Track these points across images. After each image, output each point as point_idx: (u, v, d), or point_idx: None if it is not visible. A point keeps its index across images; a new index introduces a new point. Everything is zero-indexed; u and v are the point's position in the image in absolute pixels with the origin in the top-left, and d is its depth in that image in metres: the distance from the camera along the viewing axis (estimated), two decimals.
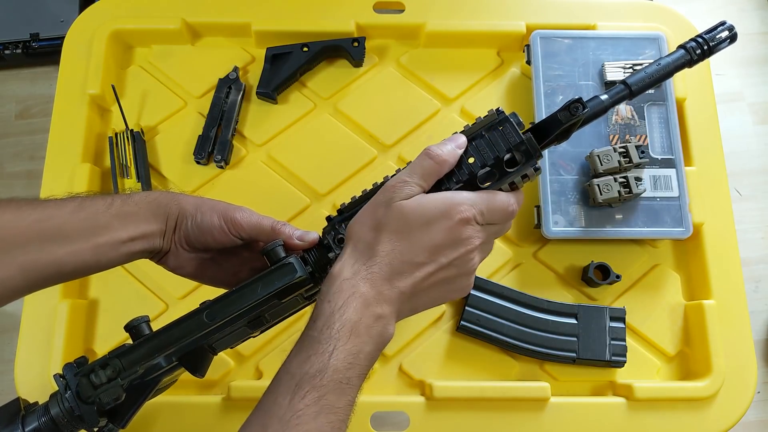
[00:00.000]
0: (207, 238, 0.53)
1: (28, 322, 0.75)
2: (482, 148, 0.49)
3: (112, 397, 0.47)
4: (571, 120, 0.48)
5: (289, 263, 0.49)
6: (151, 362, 0.48)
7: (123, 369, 0.47)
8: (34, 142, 1.57)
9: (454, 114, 0.87)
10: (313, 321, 0.45)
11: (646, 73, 0.53)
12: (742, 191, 1.55)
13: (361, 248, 0.46)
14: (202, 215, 0.53)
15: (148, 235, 0.52)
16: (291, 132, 0.86)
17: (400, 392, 0.75)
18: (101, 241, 0.50)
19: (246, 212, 0.54)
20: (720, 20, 0.56)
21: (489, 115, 0.51)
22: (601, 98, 0.52)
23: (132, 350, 0.48)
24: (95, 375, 0.47)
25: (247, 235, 0.53)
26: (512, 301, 0.75)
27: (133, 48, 0.90)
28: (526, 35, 0.87)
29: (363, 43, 0.87)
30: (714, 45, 0.54)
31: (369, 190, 0.52)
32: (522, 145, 0.49)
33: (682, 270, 0.80)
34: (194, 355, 0.49)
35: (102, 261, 0.50)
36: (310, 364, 0.42)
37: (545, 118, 0.50)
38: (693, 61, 0.55)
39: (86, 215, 0.50)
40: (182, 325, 0.49)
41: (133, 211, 0.52)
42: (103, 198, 0.52)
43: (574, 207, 0.77)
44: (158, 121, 0.86)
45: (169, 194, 0.54)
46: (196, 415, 0.71)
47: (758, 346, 1.44)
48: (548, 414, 0.72)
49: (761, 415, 1.39)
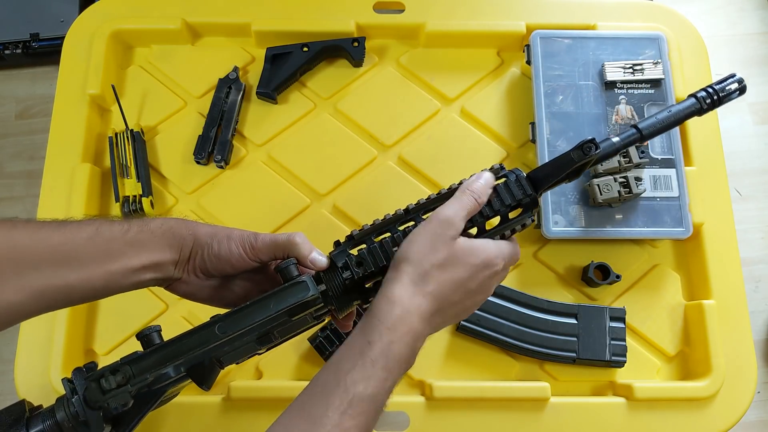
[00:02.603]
0: (225, 266, 0.53)
1: (28, 322, 0.75)
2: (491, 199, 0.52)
3: (120, 403, 0.47)
4: (583, 159, 0.51)
5: (302, 281, 0.50)
6: (160, 371, 0.48)
7: (133, 376, 0.47)
8: (34, 142, 1.57)
9: (454, 114, 0.87)
10: (369, 341, 0.46)
11: (657, 119, 0.55)
12: (742, 191, 1.55)
13: (417, 277, 0.48)
14: (219, 244, 0.53)
15: (160, 264, 0.52)
16: (291, 132, 0.86)
17: (400, 392, 0.74)
18: (113, 269, 0.50)
19: (261, 235, 0.54)
20: (731, 72, 0.58)
21: (493, 170, 0.54)
22: (613, 140, 0.54)
23: (143, 358, 0.48)
24: (105, 380, 0.47)
25: (266, 257, 0.53)
26: (512, 301, 0.75)
27: (133, 48, 0.90)
28: (526, 35, 0.87)
29: (363, 43, 0.87)
30: (723, 96, 0.56)
31: (381, 220, 0.53)
32: (527, 197, 0.53)
33: (682, 270, 0.80)
34: (202, 367, 0.49)
35: (111, 288, 0.51)
36: (365, 386, 0.44)
37: (554, 159, 0.53)
38: (703, 110, 0.56)
39: (102, 241, 0.50)
40: (194, 337, 0.49)
41: (147, 239, 0.52)
42: (120, 224, 0.52)
43: (574, 207, 0.77)
44: (158, 121, 0.86)
45: (185, 222, 0.54)
46: (196, 415, 0.71)
47: (758, 346, 1.43)
48: (548, 414, 0.72)
49: (761, 415, 1.39)
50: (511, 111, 0.86)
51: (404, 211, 0.53)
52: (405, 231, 0.52)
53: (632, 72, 0.81)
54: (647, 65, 0.81)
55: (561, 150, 0.79)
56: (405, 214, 0.53)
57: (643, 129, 0.55)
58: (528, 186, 0.53)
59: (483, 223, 0.52)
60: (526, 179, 0.53)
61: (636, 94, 0.81)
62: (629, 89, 0.81)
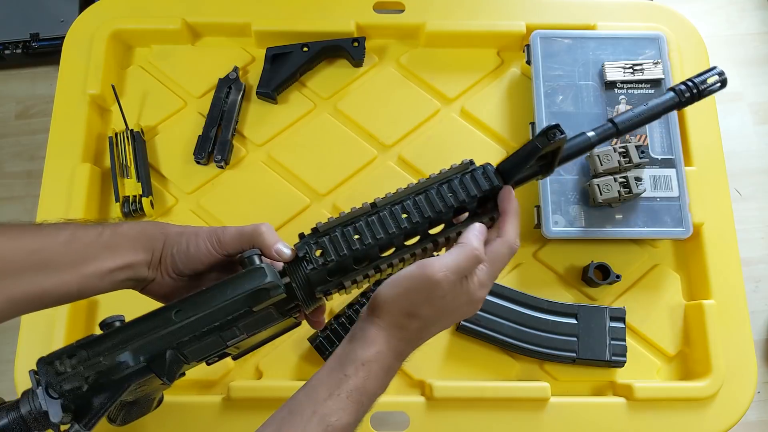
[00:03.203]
0: (195, 263, 0.53)
1: (28, 322, 0.75)
2: (457, 190, 0.51)
3: (73, 385, 0.46)
4: (548, 145, 0.48)
5: (259, 268, 0.49)
6: (116, 355, 0.48)
7: (88, 358, 0.47)
8: (34, 142, 1.57)
9: (454, 114, 0.87)
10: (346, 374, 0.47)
11: (634, 113, 0.54)
12: (742, 191, 1.55)
13: (395, 326, 0.49)
14: (188, 241, 0.53)
15: (133, 265, 0.52)
16: (291, 132, 0.86)
17: (400, 392, 0.75)
18: (88, 272, 0.50)
19: (228, 228, 0.54)
20: (712, 66, 0.57)
21: (463, 164, 0.53)
22: (588, 135, 0.54)
23: (98, 341, 0.48)
24: (60, 362, 0.47)
25: (233, 249, 0.53)
26: (512, 301, 0.75)
27: (133, 48, 0.90)
28: (526, 35, 0.87)
29: (363, 43, 0.87)
30: (704, 89, 0.55)
31: (346, 213, 0.52)
32: (495, 189, 0.51)
33: (682, 270, 0.80)
34: (163, 359, 0.48)
35: (86, 291, 0.51)
36: (338, 417, 0.46)
37: (520, 148, 0.51)
38: (681, 104, 0.55)
39: (78, 246, 0.51)
40: (149, 321, 0.49)
41: (121, 242, 0.52)
42: (95, 228, 0.53)
43: (574, 207, 0.77)
44: (158, 121, 0.86)
45: (156, 224, 0.55)
46: (196, 415, 0.71)
47: (758, 346, 1.44)
48: (548, 414, 0.72)
49: (761, 415, 1.39)
50: (511, 111, 0.86)
51: (371, 205, 0.52)
52: (368, 222, 0.50)
53: (632, 72, 0.81)
54: (647, 65, 0.81)
55: None
56: (371, 207, 0.52)
57: (619, 123, 0.54)
58: (496, 178, 0.52)
59: (449, 216, 0.51)
60: (495, 172, 0.52)
61: (636, 94, 0.81)
62: (629, 89, 0.82)
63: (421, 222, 0.51)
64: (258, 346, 0.56)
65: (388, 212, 0.51)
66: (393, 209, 0.51)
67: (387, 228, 0.50)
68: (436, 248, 0.53)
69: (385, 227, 0.50)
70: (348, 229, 0.51)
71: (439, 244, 0.53)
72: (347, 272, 0.51)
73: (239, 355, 0.56)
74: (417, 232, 0.51)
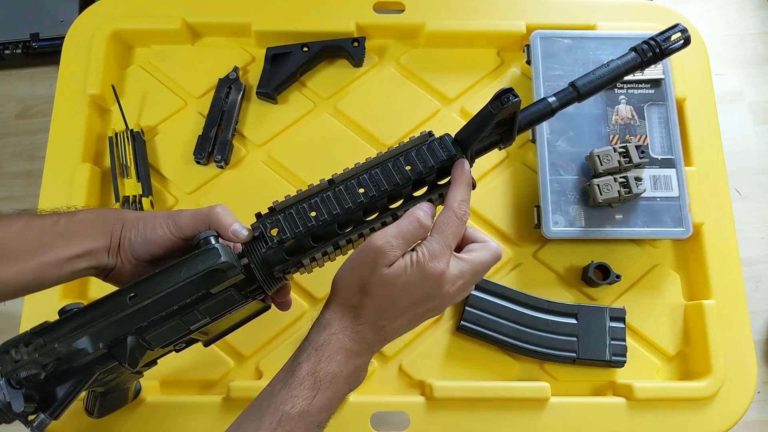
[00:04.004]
0: (153, 247, 0.53)
1: (28, 322, 0.75)
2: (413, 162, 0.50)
3: (30, 373, 0.46)
4: (501, 109, 0.46)
5: (213, 248, 0.48)
6: (72, 341, 0.47)
7: (44, 345, 0.47)
8: (34, 142, 1.57)
9: (454, 114, 0.87)
10: (299, 362, 0.47)
11: (595, 75, 0.53)
12: (742, 191, 1.55)
13: (347, 305, 0.49)
14: (145, 225, 0.53)
15: (92, 252, 0.52)
16: (291, 132, 0.86)
17: (400, 392, 0.75)
18: (46, 260, 0.50)
19: (184, 211, 0.54)
20: (675, 23, 0.56)
21: (422, 135, 0.51)
22: (549, 100, 0.52)
23: (53, 328, 0.48)
24: (16, 350, 0.47)
25: (189, 231, 0.53)
26: (512, 301, 0.75)
27: (133, 48, 0.90)
28: (526, 35, 0.87)
29: (363, 43, 0.87)
30: (666, 48, 0.54)
31: (304, 191, 0.52)
32: (451, 159, 0.50)
33: (682, 270, 0.80)
34: (123, 345, 0.48)
35: (45, 280, 0.51)
36: (292, 405, 0.45)
37: (476, 114, 0.49)
38: (644, 64, 0.54)
39: (32, 234, 0.50)
40: (103, 305, 0.49)
41: (78, 229, 0.52)
42: (50, 216, 0.52)
43: (574, 207, 0.77)
44: (158, 121, 0.86)
45: (113, 210, 0.55)
46: (196, 415, 0.71)
47: (758, 346, 1.44)
48: (548, 414, 0.72)
49: (761, 415, 1.39)
50: None
51: (328, 181, 0.51)
52: (323, 198, 0.50)
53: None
54: None
55: (561, 150, 0.79)
56: (329, 184, 0.51)
57: (581, 87, 0.52)
58: (453, 147, 0.50)
59: (408, 188, 0.50)
60: (453, 142, 0.51)
61: (636, 94, 0.81)
62: (629, 89, 0.81)
63: (378, 196, 0.50)
64: (229, 332, 0.56)
65: (344, 187, 0.50)
66: (349, 184, 0.50)
67: (343, 203, 0.49)
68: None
69: (341, 203, 0.49)
70: (303, 206, 0.50)
71: (398, 217, 0.51)
72: (305, 250, 0.50)
73: (210, 341, 0.56)
74: (375, 206, 0.51)
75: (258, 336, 0.75)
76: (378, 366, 0.75)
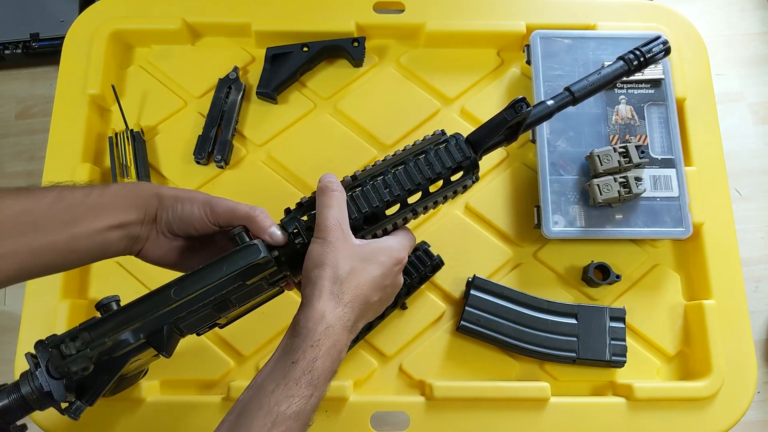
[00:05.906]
0: (188, 227, 0.54)
1: (29, 322, 0.75)
2: (432, 162, 0.56)
3: (80, 367, 0.48)
4: (515, 118, 0.53)
5: (253, 244, 0.51)
6: (118, 335, 0.49)
7: (92, 340, 0.48)
8: (34, 142, 1.57)
9: (454, 114, 0.87)
10: (293, 361, 0.47)
11: (588, 81, 0.59)
12: (742, 191, 1.55)
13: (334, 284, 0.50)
14: (182, 206, 0.54)
15: (126, 224, 0.52)
16: (291, 132, 0.86)
17: (400, 392, 0.75)
18: (77, 232, 0.50)
19: (223, 201, 0.55)
20: (656, 34, 0.63)
21: (435, 135, 0.57)
22: (548, 103, 0.58)
23: (100, 323, 0.49)
24: (65, 346, 0.48)
25: (224, 222, 0.55)
26: (512, 301, 0.75)
27: (133, 48, 0.90)
28: (526, 35, 0.87)
29: (363, 43, 0.87)
30: (650, 57, 0.61)
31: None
32: (467, 159, 0.56)
33: (682, 270, 0.80)
34: (161, 334, 0.50)
35: (78, 250, 0.51)
36: (288, 405, 0.45)
37: (489, 120, 0.55)
38: (630, 71, 0.61)
39: (64, 206, 0.51)
40: (149, 301, 0.50)
41: (110, 202, 0.52)
42: (82, 189, 0.52)
43: (574, 207, 0.77)
44: (158, 121, 0.86)
45: (148, 185, 0.55)
46: (196, 415, 0.71)
47: (758, 346, 1.44)
48: (548, 414, 0.72)
49: (761, 415, 1.39)
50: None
51: (351, 177, 0.56)
52: (353, 197, 0.55)
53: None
54: None
55: (561, 150, 0.79)
56: (352, 180, 0.56)
57: (576, 91, 0.59)
58: (467, 149, 0.56)
59: (427, 186, 0.55)
60: (465, 142, 0.56)
61: (636, 94, 0.81)
62: (629, 89, 0.81)
63: (402, 195, 0.55)
64: (243, 315, 0.58)
65: (371, 187, 0.55)
66: (375, 183, 0.55)
67: (371, 201, 0.55)
68: (415, 217, 0.57)
69: (369, 201, 0.55)
70: None
71: (418, 213, 0.57)
72: None
73: (226, 323, 0.58)
74: (397, 202, 0.56)
75: (258, 336, 0.75)
76: (378, 366, 0.75)
